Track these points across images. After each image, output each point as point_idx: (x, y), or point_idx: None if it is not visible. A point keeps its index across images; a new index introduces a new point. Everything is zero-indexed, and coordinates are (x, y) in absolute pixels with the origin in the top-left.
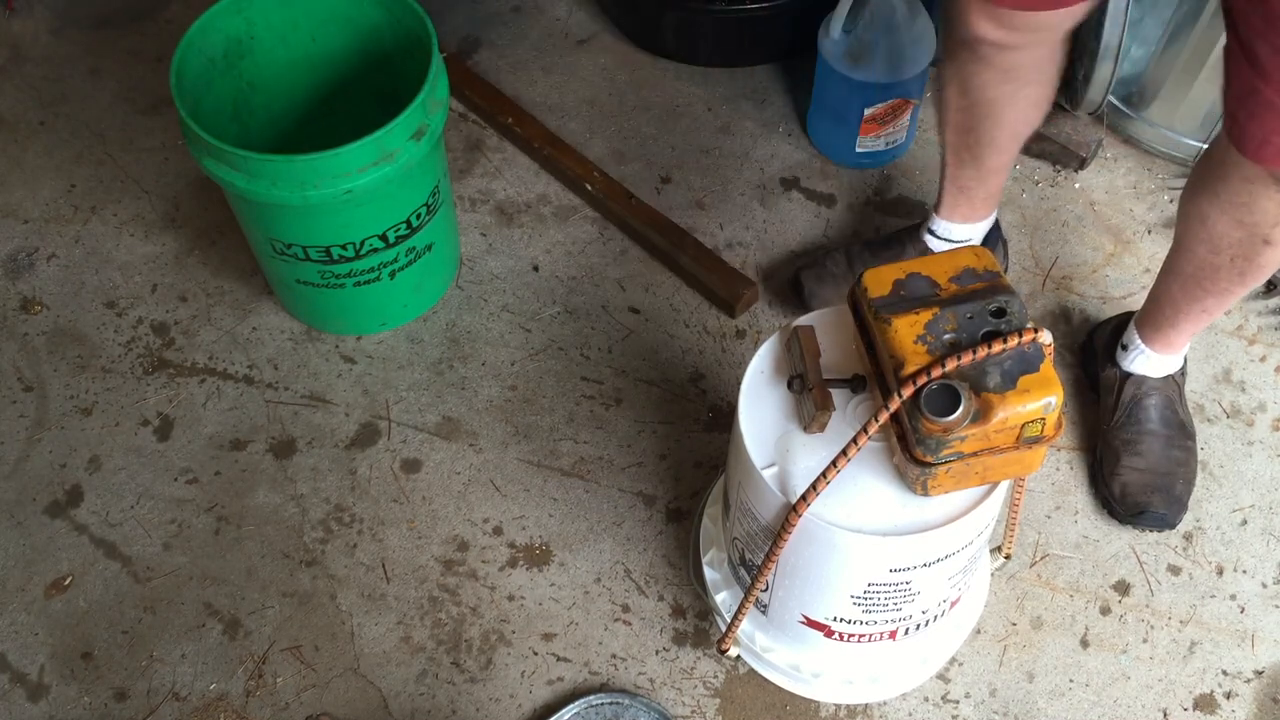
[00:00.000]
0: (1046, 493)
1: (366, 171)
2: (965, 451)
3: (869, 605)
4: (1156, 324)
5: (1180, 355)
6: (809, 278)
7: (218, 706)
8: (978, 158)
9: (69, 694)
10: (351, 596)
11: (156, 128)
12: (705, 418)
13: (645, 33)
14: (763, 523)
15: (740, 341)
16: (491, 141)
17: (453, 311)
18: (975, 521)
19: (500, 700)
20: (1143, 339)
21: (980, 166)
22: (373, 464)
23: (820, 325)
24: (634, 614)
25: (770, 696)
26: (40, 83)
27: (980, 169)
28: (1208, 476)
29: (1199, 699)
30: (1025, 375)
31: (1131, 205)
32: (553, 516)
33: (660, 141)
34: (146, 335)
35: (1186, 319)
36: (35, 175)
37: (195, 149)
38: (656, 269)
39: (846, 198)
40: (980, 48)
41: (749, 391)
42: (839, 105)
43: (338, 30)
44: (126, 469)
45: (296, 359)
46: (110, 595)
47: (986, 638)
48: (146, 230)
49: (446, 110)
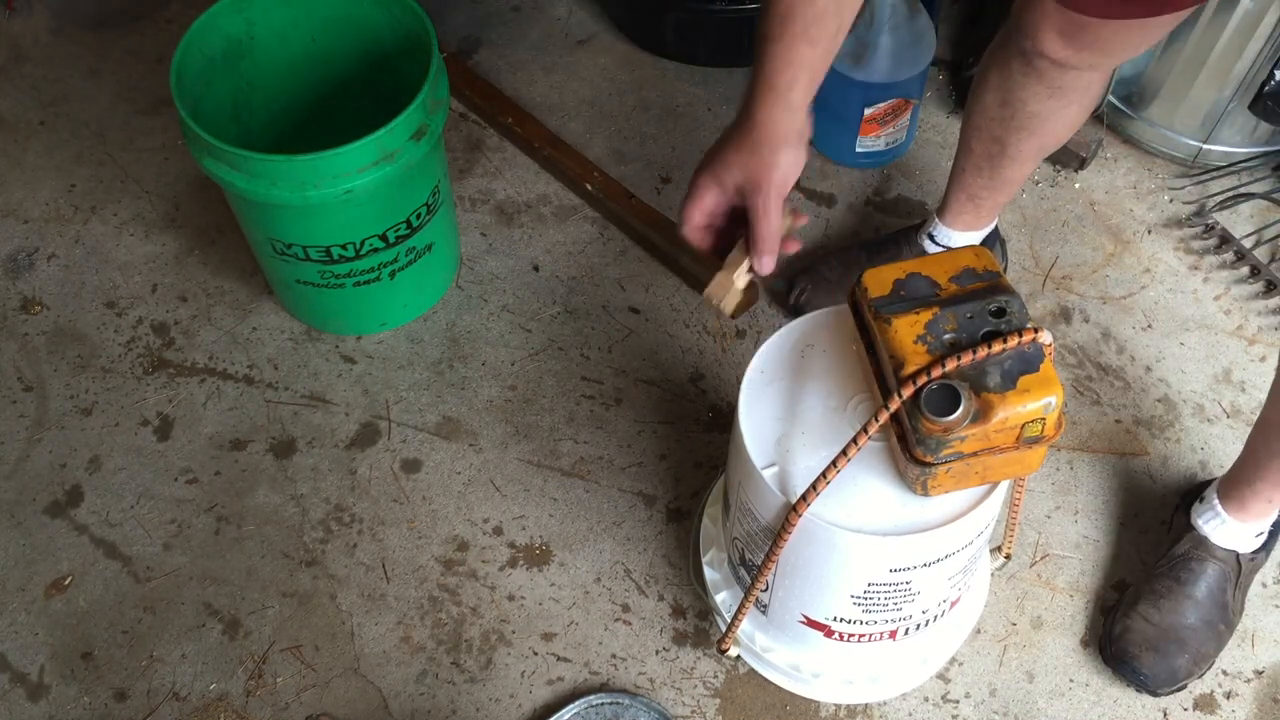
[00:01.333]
0: (1046, 493)
1: (366, 171)
2: (965, 451)
3: (869, 605)
4: (1234, 481)
5: (1254, 530)
6: (804, 283)
7: (218, 706)
8: (998, 168)
9: (69, 694)
10: (351, 596)
11: (156, 128)
12: (705, 418)
13: (645, 33)
14: (763, 523)
15: (740, 341)
16: (491, 141)
17: (453, 311)
18: (975, 521)
19: (500, 700)
20: (1219, 496)
21: (998, 176)
22: (373, 464)
23: (820, 326)
24: (634, 614)
25: (770, 696)
26: (40, 83)
27: (997, 179)
28: (1208, 475)
29: (1199, 699)
30: (1025, 375)
31: (1131, 205)
32: (553, 516)
33: (660, 141)
34: (146, 335)
35: (1264, 479)
36: (35, 175)
37: (195, 149)
38: (656, 269)
39: (846, 198)
40: (1039, 62)
41: (749, 391)
42: (839, 105)
43: (338, 30)
44: (126, 469)
45: (296, 359)
46: (110, 595)
47: (986, 638)
48: (146, 230)
49: (446, 110)
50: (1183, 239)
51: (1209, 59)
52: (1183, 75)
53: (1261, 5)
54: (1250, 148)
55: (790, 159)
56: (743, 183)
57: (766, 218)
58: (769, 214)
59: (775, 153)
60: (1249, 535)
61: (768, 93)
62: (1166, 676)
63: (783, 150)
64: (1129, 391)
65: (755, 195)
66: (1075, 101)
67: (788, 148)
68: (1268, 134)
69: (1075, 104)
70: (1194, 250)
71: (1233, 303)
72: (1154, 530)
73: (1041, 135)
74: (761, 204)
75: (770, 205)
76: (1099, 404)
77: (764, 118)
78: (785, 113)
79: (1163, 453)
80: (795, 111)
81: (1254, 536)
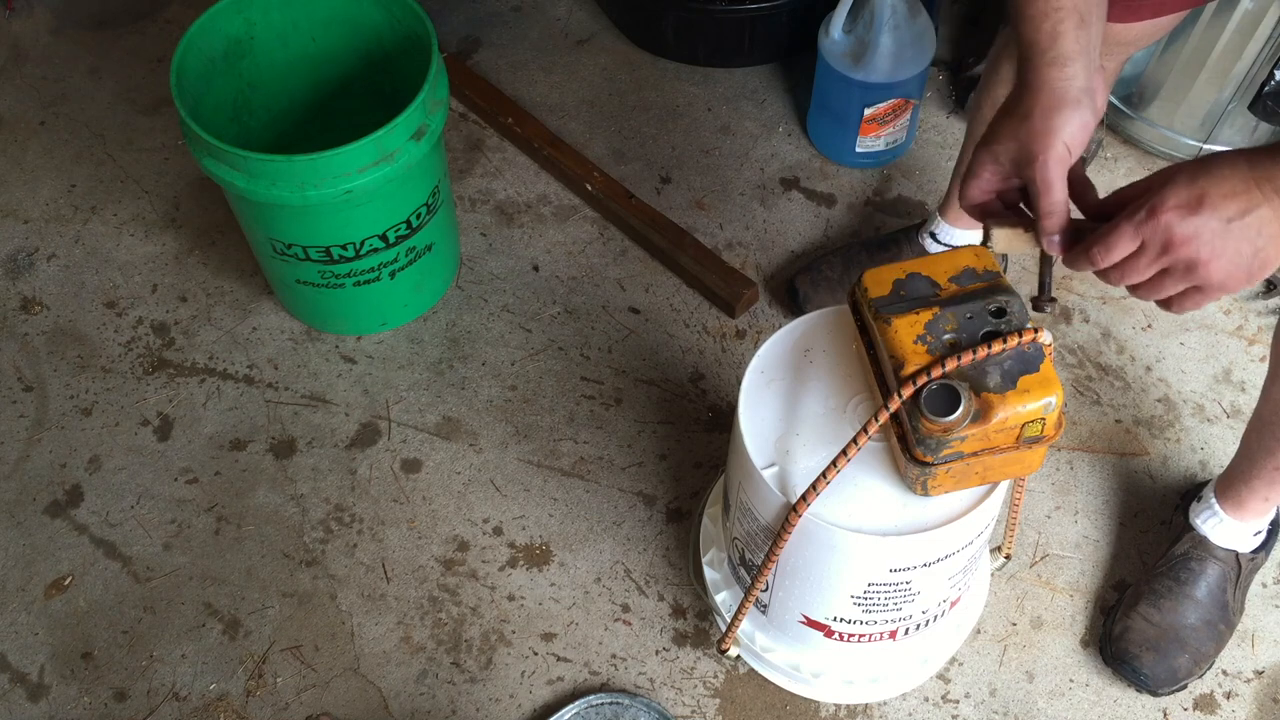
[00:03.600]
0: (1046, 493)
1: (366, 171)
2: (965, 451)
3: (869, 605)
4: (1230, 479)
5: (1251, 530)
6: (804, 282)
7: (218, 706)
8: None
9: (69, 694)
10: (351, 596)
11: (156, 128)
12: (705, 418)
13: (645, 33)
14: (763, 523)
15: (740, 341)
16: (491, 141)
17: (453, 311)
18: (975, 521)
19: (500, 700)
20: (1217, 495)
21: None
22: (373, 464)
23: (820, 326)
24: (634, 614)
25: (770, 696)
26: (40, 83)
27: None
28: (1207, 475)
29: (1199, 699)
30: (1025, 375)
31: None
32: (553, 516)
33: (660, 141)
34: (146, 335)
35: (1259, 477)
36: (35, 175)
37: (195, 149)
38: (656, 269)
39: (846, 198)
40: None
41: (749, 391)
42: (839, 105)
43: (338, 30)
44: (126, 469)
45: (296, 359)
46: (110, 595)
47: (986, 638)
48: (146, 230)
49: (446, 110)
50: None
51: (1209, 59)
52: (1183, 75)
53: (1261, 5)
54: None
55: (1069, 123)
56: (1018, 155)
57: (1047, 191)
58: (1049, 187)
59: (1049, 117)
60: (1247, 534)
61: (1031, 52)
62: (1166, 676)
63: (1056, 114)
64: (1129, 391)
65: (1030, 168)
66: None
67: (1064, 110)
68: (1268, 134)
69: None
70: None
71: (1232, 303)
72: (1154, 530)
73: None
74: (1040, 176)
75: (1049, 176)
76: (1099, 404)
77: (1032, 80)
78: (1053, 69)
79: (1163, 453)
80: (1066, 66)
81: (1252, 535)
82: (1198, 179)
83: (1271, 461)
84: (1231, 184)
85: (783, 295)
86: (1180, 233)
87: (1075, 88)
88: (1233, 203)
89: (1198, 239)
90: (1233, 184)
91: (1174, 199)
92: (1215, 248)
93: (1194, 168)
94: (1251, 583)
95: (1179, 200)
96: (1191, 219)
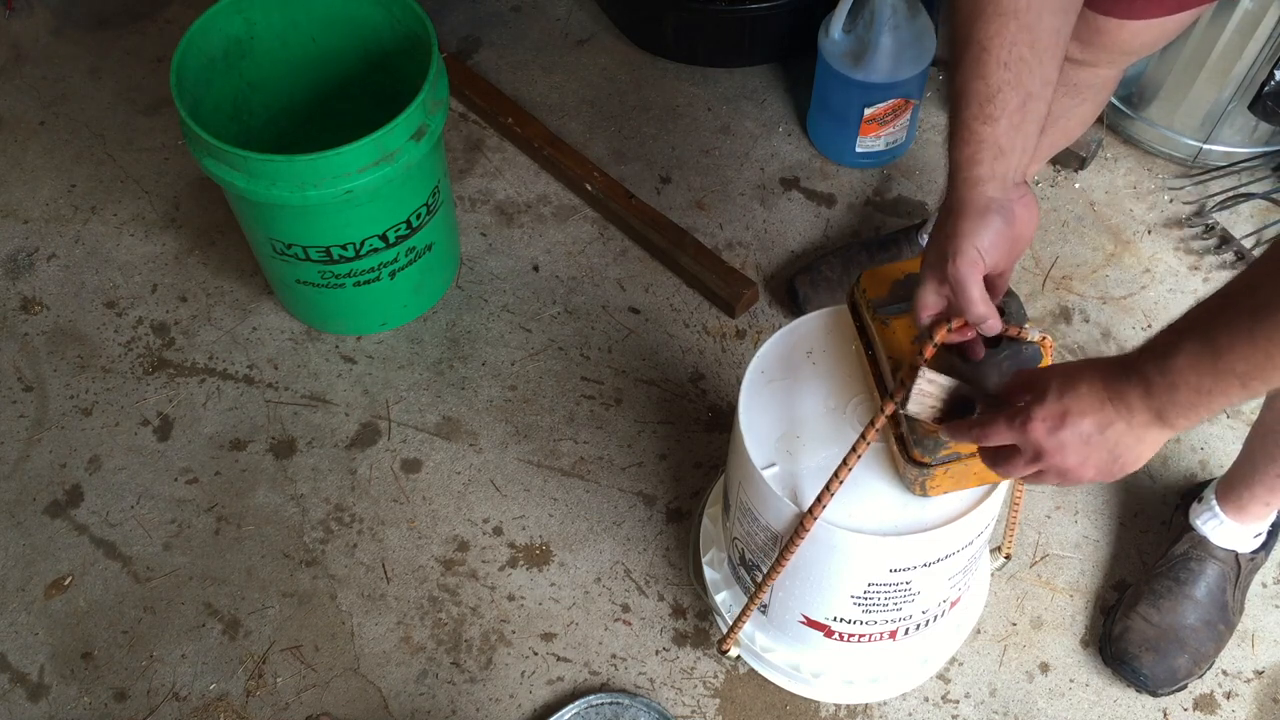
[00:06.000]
0: (1046, 493)
1: (366, 171)
2: (963, 452)
3: (869, 605)
4: (1232, 482)
5: (1253, 531)
6: (803, 283)
7: (218, 706)
8: None
9: (69, 694)
10: (351, 596)
11: (156, 128)
12: (705, 418)
13: (645, 33)
14: (763, 522)
15: (740, 341)
16: (491, 141)
17: (453, 311)
18: (975, 522)
19: (500, 700)
20: (1217, 497)
21: None
22: (373, 464)
23: (820, 326)
24: (634, 614)
25: (770, 696)
26: (40, 83)
27: None
28: (1207, 475)
29: (1199, 699)
30: None
31: (1131, 205)
32: (553, 516)
33: (660, 141)
34: (146, 335)
35: (1261, 482)
36: (35, 175)
37: (195, 149)
38: (656, 269)
39: (846, 198)
40: None
41: (749, 391)
42: (839, 105)
43: (338, 30)
44: (126, 469)
45: (296, 359)
46: (110, 595)
47: (986, 638)
48: (146, 230)
49: (446, 110)
50: (1183, 239)
51: (1209, 59)
52: (1183, 75)
53: (1261, 5)
54: (1250, 148)
55: (977, 228)
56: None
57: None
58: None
59: (959, 222)
60: (1247, 536)
61: (952, 168)
62: (1166, 676)
63: (965, 219)
64: None
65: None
66: (1089, 99)
67: (973, 218)
68: (1268, 134)
69: (1089, 101)
70: (1194, 250)
71: None
72: (1154, 530)
73: (1054, 132)
74: (953, 276)
75: (960, 276)
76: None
77: (950, 191)
78: (968, 188)
79: (1163, 452)
80: (979, 185)
81: (1252, 537)
82: (1064, 396)
83: (1274, 468)
84: (1088, 401)
85: (783, 295)
86: (1049, 444)
87: (981, 202)
88: (1089, 420)
89: (1065, 449)
90: (1089, 402)
91: (1041, 413)
92: (1080, 456)
93: (1061, 382)
94: (1251, 583)
95: (1045, 414)
96: (1058, 433)
